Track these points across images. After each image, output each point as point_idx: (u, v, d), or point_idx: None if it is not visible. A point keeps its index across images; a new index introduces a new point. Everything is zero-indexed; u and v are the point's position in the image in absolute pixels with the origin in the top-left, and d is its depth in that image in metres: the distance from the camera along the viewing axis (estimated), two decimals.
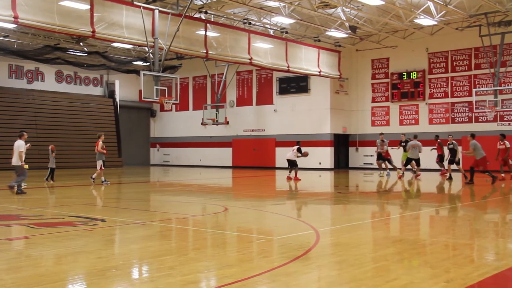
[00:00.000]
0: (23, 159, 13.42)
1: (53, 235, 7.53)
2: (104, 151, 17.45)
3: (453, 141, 20.02)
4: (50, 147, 19.28)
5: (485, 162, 17.00)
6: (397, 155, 23.00)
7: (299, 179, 19.63)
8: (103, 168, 17.52)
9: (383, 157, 21.89)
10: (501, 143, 19.67)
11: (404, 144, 21.76)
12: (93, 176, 17.68)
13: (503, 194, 14.94)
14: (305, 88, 29.49)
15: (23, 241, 7.12)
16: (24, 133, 13.84)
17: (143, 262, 6.01)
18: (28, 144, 14.19)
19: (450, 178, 19.44)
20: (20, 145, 13.46)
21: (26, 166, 13.59)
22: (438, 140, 21.26)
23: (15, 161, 13.50)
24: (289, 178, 20.01)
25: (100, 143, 17.36)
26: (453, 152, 19.87)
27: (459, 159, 20.57)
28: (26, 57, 26.25)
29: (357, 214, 10.75)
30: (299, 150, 20.00)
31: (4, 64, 30.19)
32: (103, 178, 17.67)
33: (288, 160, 20.38)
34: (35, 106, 30.70)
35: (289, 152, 20.56)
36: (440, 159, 21.34)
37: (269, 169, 29.95)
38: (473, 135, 17.59)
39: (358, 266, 5.59)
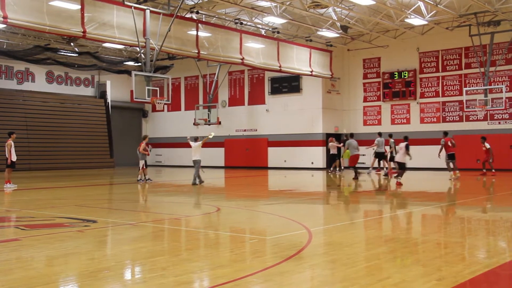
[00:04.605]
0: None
1: (44, 236, 7.48)
2: (146, 152, 18.63)
3: (391, 140, 21.33)
4: (138, 148, 19.41)
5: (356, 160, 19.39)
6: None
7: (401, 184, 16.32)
8: (145, 167, 18.68)
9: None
10: (483, 145, 20.84)
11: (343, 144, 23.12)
12: (143, 178, 18.66)
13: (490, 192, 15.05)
14: (297, 88, 29.52)
15: (14, 243, 7.06)
16: (198, 137, 16.82)
17: (135, 263, 5.99)
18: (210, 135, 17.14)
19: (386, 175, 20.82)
20: (199, 144, 16.87)
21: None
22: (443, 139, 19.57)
23: (197, 156, 16.81)
24: (399, 184, 16.14)
25: (143, 144, 18.47)
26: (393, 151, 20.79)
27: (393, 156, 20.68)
28: (16, 57, 26.03)
29: (350, 213, 10.78)
30: (407, 148, 16.22)
31: None
32: (139, 177, 18.69)
33: (398, 163, 16.87)
34: (25, 107, 30.49)
35: (398, 153, 16.80)
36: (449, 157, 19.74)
37: (261, 169, 29.95)
38: (351, 135, 20.12)
39: (350, 265, 5.60)
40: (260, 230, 8.52)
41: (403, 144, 16.35)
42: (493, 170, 21.12)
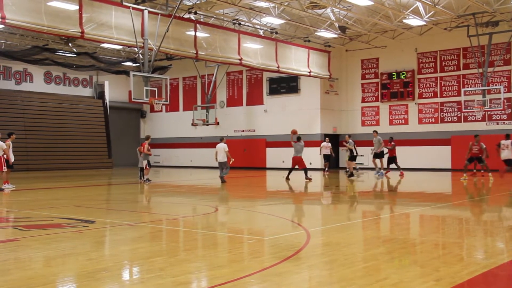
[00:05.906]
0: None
1: (42, 237, 7.47)
2: (149, 152, 18.92)
3: (350, 140, 21.94)
4: (138, 149, 19.92)
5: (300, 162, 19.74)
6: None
7: None
8: (148, 168, 19.03)
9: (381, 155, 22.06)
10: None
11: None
12: (145, 178, 19.01)
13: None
14: (295, 89, 29.53)
15: (12, 244, 7.05)
16: (225, 138, 18.33)
17: (133, 263, 5.98)
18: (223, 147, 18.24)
19: (352, 175, 21.23)
20: (225, 146, 18.33)
21: (233, 159, 18.80)
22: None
23: (221, 158, 18.23)
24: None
25: (146, 145, 18.78)
26: (352, 150, 21.71)
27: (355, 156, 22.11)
28: (14, 58, 26.00)
29: (348, 214, 10.79)
30: None
31: None
32: (146, 177, 18.97)
33: (508, 160, 16.32)
34: (23, 107, 30.44)
35: (503, 152, 16.41)
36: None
37: (259, 169, 29.95)
38: (298, 138, 19.89)
39: (348, 265, 5.61)
40: (258, 231, 8.52)
41: (508, 142, 15.75)
42: (482, 171, 20.70)
